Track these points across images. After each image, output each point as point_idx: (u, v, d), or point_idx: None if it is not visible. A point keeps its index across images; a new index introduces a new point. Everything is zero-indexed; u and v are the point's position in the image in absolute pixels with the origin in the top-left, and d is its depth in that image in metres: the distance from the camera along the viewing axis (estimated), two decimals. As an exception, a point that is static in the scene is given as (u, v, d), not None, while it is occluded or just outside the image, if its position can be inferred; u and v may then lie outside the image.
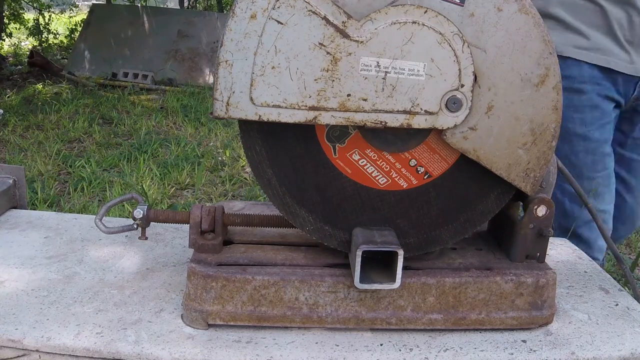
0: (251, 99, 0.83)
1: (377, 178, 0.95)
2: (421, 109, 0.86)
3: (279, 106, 0.83)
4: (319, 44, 0.82)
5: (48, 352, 0.91)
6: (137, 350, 0.90)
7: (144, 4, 9.97)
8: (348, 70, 0.83)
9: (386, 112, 0.85)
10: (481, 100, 0.87)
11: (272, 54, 0.82)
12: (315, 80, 0.83)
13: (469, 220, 0.97)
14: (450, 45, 0.83)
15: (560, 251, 1.36)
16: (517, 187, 0.93)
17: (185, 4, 10.16)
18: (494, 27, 0.84)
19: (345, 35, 0.82)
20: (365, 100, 0.84)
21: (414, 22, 0.82)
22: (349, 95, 0.84)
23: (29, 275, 1.10)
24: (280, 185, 0.94)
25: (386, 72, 0.83)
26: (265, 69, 0.82)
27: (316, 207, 0.95)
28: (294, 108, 0.84)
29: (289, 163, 0.93)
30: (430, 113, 0.86)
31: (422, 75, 0.84)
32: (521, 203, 1.02)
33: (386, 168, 0.94)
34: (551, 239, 1.26)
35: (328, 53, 0.82)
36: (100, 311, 0.99)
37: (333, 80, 0.83)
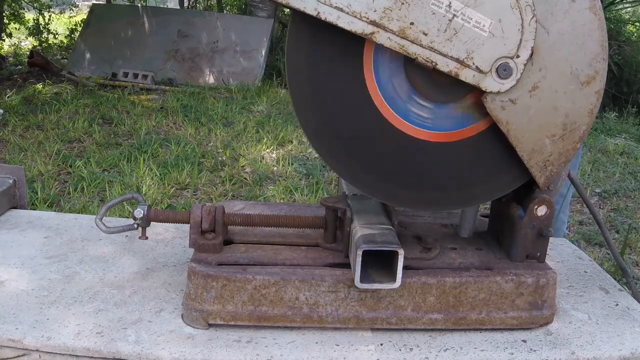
0: None
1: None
2: (473, 64, 0.86)
3: (341, 9, 0.82)
4: None
5: (48, 352, 0.91)
6: (137, 349, 0.90)
7: (144, 4, 9.95)
8: None
9: (440, 53, 0.85)
10: (529, 78, 0.88)
11: None
12: None
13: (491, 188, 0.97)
14: (520, 14, 0.84)
15: (560, 251, 1.36)
16: (532, 174, 0.93)
17: (185, 4, 10.12)
18: (563, 14, 0.86)
19: None
20: (425, 34, 0.84)
21: None
22: (412, 23, 0.84)
23: (29, 275, 1.10)
24: (312, 93, 0.91)
25: (454, 15, 0.84)
26: None
27: (335, 120, 0.92)
28: (355, 17, 0.83)
29: (325, 72, 0.90)
30: (480, 71, 0.86)
31: (485, 31, 0.84)
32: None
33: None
34: (551, 239, 1.26)
35: None
36: (100, 311, 0.99)
37: (402, 4, 0.83)
